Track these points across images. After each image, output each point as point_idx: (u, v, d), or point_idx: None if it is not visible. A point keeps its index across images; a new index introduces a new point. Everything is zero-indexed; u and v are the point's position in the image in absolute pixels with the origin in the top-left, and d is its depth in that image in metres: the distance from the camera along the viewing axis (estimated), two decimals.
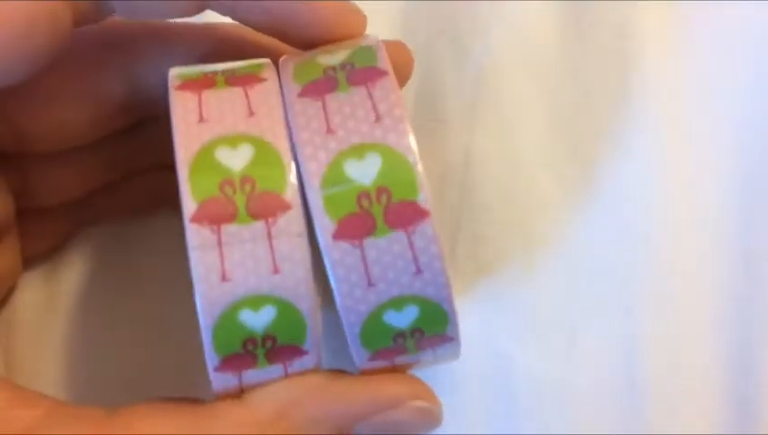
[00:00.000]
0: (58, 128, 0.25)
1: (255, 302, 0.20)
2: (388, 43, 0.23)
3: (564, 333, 0.31)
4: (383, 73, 0.21)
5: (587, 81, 0.32)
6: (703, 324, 0.31)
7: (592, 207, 0.31)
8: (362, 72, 0.21)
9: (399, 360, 0.22)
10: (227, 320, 0.20)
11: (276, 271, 0.20)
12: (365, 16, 0.25)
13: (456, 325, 0.22)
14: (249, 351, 0.20)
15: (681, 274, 0.31)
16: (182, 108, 0.21)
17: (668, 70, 0.32)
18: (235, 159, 0.20)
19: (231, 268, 0.20)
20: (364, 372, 0.23)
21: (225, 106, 0.21)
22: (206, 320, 0.20)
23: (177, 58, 0.25)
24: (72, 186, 0.28)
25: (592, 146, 0.32)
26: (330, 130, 0.20)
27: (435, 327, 0.22)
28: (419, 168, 0.20)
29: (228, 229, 0.20)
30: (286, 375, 0.21)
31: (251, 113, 0.20)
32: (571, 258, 0.31)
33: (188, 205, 0.20)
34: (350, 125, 0.20)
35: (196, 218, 0.20)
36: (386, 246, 0.20)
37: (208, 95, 0.21)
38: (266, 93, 0.21)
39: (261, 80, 0.21)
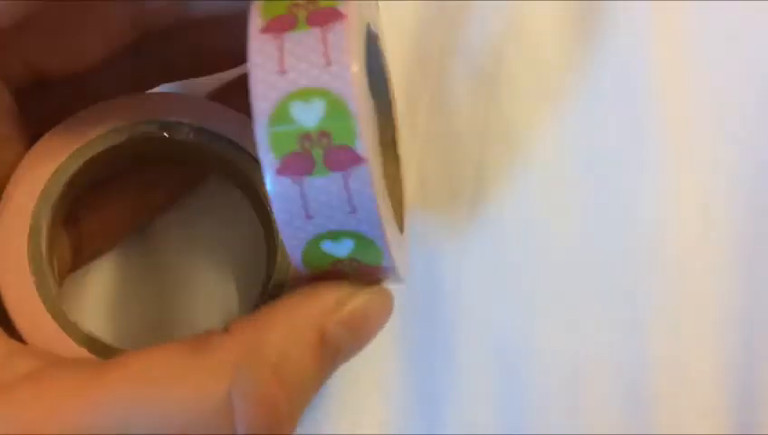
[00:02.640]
0: (69, 57, 0.26)
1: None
2: None
3: (570, 347, 0.31)
4: (341, 17, 0.22)
5: (601, 99, 0.33)
6: (708, 340, 0.31)
7: (602, 225, 0.32)
8: (323, 13, 0.22)
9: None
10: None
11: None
12: None
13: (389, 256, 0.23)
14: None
15: (687, 290, 0.31)
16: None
17: (678, 90, 0.33)
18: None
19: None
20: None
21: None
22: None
23: None
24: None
25: (605, 164, 0.32)
26: (282, 71, 0.21)
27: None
28: (360, 117, 0.21)
29: None
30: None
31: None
32: (580, 274, 0.32)
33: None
34: (302, 67, 0.21)
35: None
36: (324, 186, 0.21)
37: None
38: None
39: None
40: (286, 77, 0.21)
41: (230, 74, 0.31)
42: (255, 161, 0.27)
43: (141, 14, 0.26)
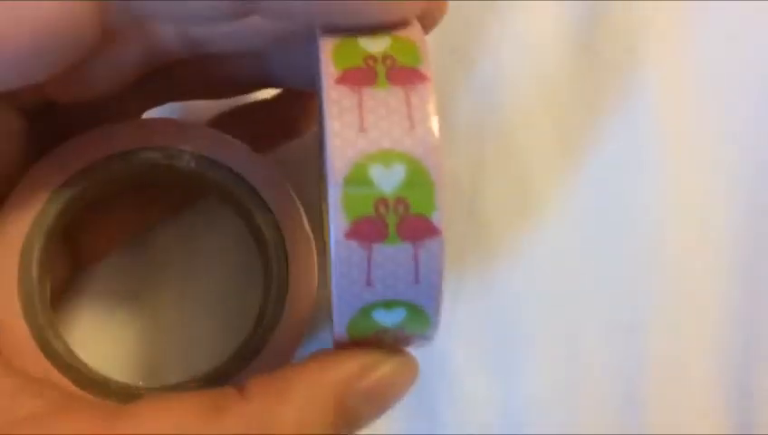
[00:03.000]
0: (82, 88, 0.25)
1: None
2: None
3: (566, 348, 0.31)
4: (424, 78, 0.21)
5: (596, 101, 0.33)
6: (707, 340, 0.31)
7: (599, 228, 0.32)
8: (403, 72, 0.21)
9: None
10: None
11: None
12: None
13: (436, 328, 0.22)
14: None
15: (687, 290, 0.32)
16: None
17: (678, 91, 0.33)
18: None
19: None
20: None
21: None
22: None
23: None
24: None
25: (601, 166, 0.32)
26: (362, 129, 0.20)
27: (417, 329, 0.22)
28: (440, 187, 0.20)
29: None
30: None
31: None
32: (580, 274, 0.32)
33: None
34: (383, 127, 0.20)
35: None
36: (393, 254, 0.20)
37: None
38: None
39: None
40: (366, 136, 0.20)
41: (230, 102, 0.30)
42: (256, 194, 0.27)
43: (154, 51, 0.25)
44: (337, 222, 0.20)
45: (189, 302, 0.31)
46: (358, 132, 0.20)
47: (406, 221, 0.20)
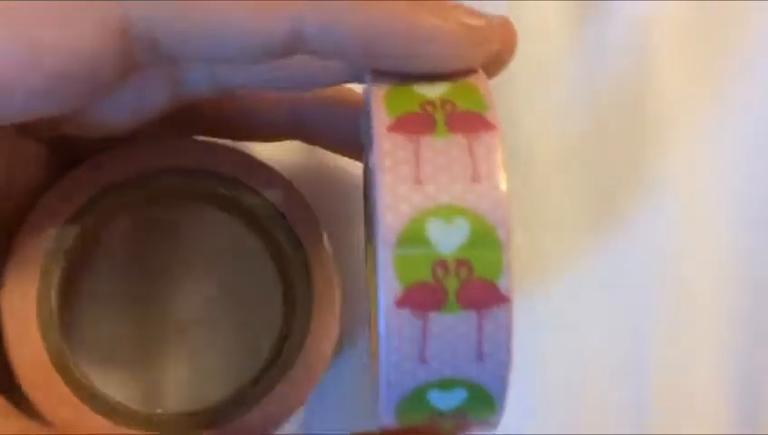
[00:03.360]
0: (102, 128, 0.24)
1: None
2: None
3: (567, 350, 0.31)
4: (489, 126, 0.18)
5: (599, 99, 0.32)
6: (708, 346, 0.31)
7: (601, 231, 0.32)
8: (466, 118, 0.18)
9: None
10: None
11: None
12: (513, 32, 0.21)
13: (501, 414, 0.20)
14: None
15: (690, 301, 0.31)
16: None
17: (691, 108, 0.32)
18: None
19: None
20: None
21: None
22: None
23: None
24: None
25: (611, 185, 0.32)
26: (418, 181, 0.18)
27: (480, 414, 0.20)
28: (508, 248, 0.18)
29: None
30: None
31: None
32: (581, 279, 0.31)
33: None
34: (442, 180, 0.18)
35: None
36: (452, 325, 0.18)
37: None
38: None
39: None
40: (423, 190, 0.18)
41: None
42: (283, 217, 0.25)
43: (179, 93, 0.24)
44: (388, 287, 0.17)
45: (196, 327, 0.30)
46: (413, 185, 0.18)
47: (468, 286, 0.17)
